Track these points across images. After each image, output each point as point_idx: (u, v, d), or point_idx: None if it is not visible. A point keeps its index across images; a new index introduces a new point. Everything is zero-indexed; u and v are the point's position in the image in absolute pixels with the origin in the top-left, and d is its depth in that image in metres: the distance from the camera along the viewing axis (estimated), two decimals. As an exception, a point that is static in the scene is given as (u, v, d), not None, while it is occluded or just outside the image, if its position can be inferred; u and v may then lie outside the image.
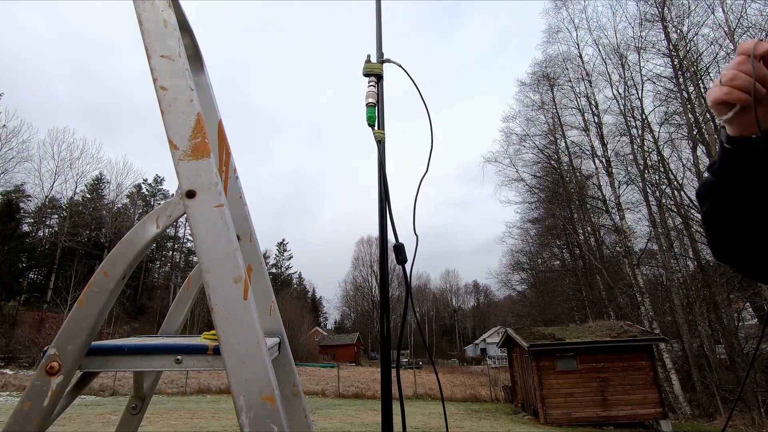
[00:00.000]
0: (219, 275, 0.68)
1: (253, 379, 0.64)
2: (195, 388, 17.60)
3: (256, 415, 0.63)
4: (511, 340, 15.89)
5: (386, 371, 0.71)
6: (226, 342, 0.66)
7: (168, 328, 1.16)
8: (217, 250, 0.68)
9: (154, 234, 0.75)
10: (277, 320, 1.09)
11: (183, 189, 0.71)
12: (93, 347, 0.74)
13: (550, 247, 30.78)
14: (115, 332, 24.30)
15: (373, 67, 0.79)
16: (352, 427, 10.03)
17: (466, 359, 49.39)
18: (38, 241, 35.58)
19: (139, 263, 0.87)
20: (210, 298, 0.67)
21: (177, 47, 0.76)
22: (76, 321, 0.70)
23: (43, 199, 36.46)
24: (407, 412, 1.76)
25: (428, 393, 19.60)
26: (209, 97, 1.11)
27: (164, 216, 0.76)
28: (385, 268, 0.89)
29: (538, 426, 12.24)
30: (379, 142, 0.77)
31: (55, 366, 0.67)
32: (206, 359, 0.76)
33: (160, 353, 0.76)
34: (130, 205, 43.48)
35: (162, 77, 0.74)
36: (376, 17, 0.80)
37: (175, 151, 0.72)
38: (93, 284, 0.71)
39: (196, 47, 1.10)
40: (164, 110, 0.73)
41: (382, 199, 0.85)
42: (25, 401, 0.66)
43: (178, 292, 1.22)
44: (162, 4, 0.77)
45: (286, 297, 46.17)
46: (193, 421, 10.26)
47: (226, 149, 1.09)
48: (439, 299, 68.09)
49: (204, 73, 1.12)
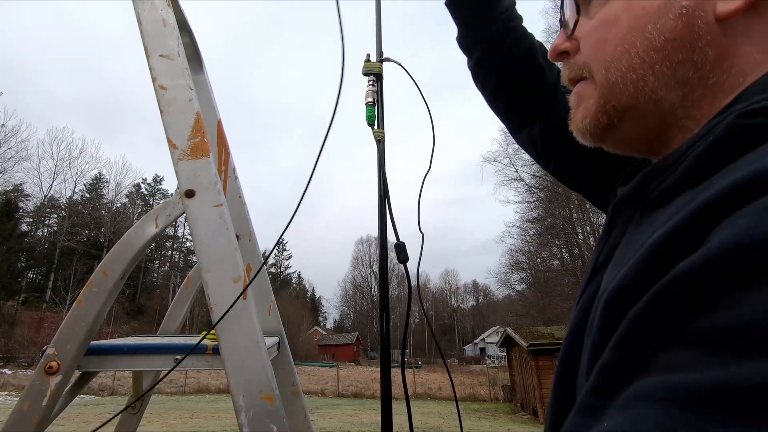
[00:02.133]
0: (218, 275, 0.68)
1: (252, 378, 0.64)
2: (194, 388, 17.60)
3: (255, 415, 0.63)
4: (510, 340, 15.91)
5: (386, 370, 0.71)
6: (226, 342, 0.66)
7: (167, 327, 1.16)
8: (216, 250, 0.68)
9: (153, 234, 0.74)
10: (277, 320, 1.09)
11: (182, 188, 0.71)
12: (92, 347, 0.73)
13: (550, 246, 30.78)
14: (114, 332, 24.28)
15: (373, 66, 0.79)
16: (351, 427, 10.04)
17: (465, 359, 49.43)
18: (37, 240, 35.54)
19: (138, 263, 0.87)
20: (209, 297, 0.67)
21: (176, 47, 0.76)
22: (75, 321, 0.69)
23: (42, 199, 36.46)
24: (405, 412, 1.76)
25: (427, 393, 19.62)
26: (208, 96, 1.11)
27: (163, 215, 0.75)
28: (385, 267, 0.89)
29: (538, 425, 12.25)
30: (378, 141, 0.77)
31: (54, 366, 0.67)
32: (205, 359, 0.76)
33: (159, 353, 0.76)
34: (129, 204, 43.44)
35: (161, 76, 0.74)
36: (376, 16, 0.80)
37: (174, 151, 0.72)
38: (92, 284, 0.71)
39: (195, 47, 1.10)
40: (163, 109, 0.73)
41: (381, 198, 0.85)
42: (24, 401, 0.66)
43: (177, 292, 1.22)
44: (161, 3, 0.77)
45: (286, 296, 46.19)
46: (192, 421, 10.26)
47: (225, 149, 1.09)
48: (439, 299, 68.13)
49: (203, 72, 1.12)
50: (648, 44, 0.37)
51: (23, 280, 33.10)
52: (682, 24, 0.35)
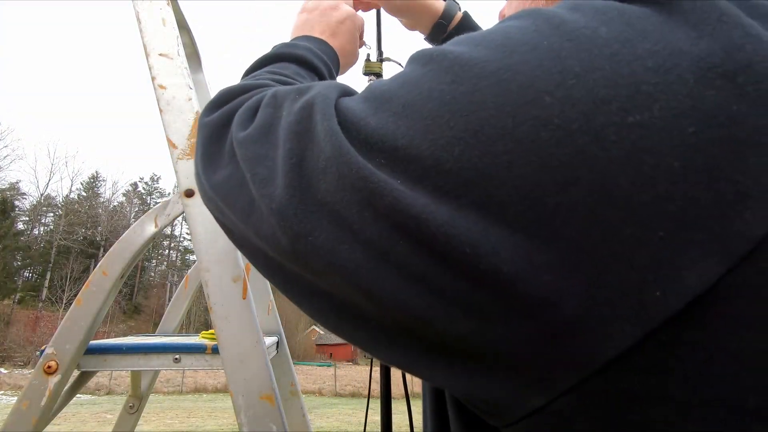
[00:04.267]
0: (218, 274, 0.67)
1: (251, 378, 0.64)
2: (191, 387, 17.56)
3: (255, 415, 0.63)
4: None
5: (386, 369, 0.71)
6: (225, 341, 0.66)
7: (166, 327, 1.16)
8: (215, 249, 0.68)
9: (152, 233, 0.74)
10: (275, 319, 1.09)
11: (182, 188, 0.71)
12: (91, 346, 0.73)
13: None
14: (111, 331, 24.21)
15: (373, 66, 0.79)
16: (349, 426, 10.04)
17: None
18: (33, 239, 35.39)
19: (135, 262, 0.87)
20: (209, 297, 0.67)
21: (175, 45, 0.75)
22: (74, 320, 0.69)
23: (39, 197, 36.28)
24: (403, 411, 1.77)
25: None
26: (208, 95, 1.11)
27: (163, 215, 0.75)
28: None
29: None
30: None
31: (53, 365, 0.67)
32: (205, 358, 0.76)
33: (158, 352, 0.76)
34: (126, 203, 43.28)
35: (160, 75, 0.74)
36: (376, 15, 0.80)
37: (173, 150, 0.72)
38: (91, 283, 0.71)
39: (194, 45, 1.09)
40: (163, 109, 0.73)
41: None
42: (23, 400, 0.66)
43: (174, 291, 1.22)
44: (161, 2, 0.77)
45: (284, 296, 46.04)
46: (189, 420, 10.24)
47: (224, 148, 1.09)
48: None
49: (202, 71, 1.12)
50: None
51: (19, 278, 32.95)
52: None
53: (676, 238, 0.17)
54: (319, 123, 0.26)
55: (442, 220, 0.20)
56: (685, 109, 0.17)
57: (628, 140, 0.17)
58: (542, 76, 0.19)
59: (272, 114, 0.30)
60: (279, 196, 0.25)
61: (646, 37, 0.19)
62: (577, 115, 0.18)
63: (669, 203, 0.17)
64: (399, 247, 0.21)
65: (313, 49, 0.51)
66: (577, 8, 0.21)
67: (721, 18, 0.18)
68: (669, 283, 0.17)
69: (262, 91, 0.36)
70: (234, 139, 0.32)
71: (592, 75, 0.19)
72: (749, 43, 0.17)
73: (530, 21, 0.22)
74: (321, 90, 0.28)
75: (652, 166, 0.17)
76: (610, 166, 0.17)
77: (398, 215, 0.21)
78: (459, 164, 0.20)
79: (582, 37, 0.20)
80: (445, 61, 0.22)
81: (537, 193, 0.18)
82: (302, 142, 0.26)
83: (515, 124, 0.19)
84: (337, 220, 0.23)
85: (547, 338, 0.19)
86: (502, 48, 0.21)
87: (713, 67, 0.17)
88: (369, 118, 0.24)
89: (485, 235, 0.19)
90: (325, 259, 0.23)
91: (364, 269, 0.22)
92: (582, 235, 0.18)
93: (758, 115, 0.17)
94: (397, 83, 0.25)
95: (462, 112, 0.20)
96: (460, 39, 0.25)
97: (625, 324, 0.18)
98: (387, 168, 0.22)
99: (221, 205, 0.32)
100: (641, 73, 0.18)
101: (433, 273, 0.20)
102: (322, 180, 0.24)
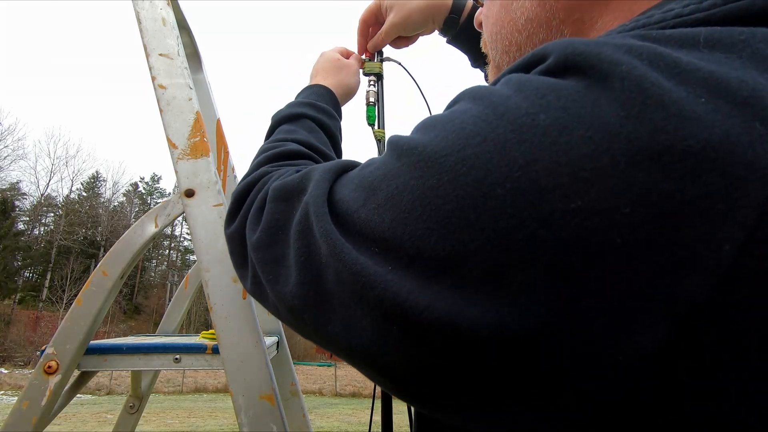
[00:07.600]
0: (218, 274, 0.67)
1: (252, 378, 0.64)
2: (192, 387, 17.56)
3: (255, 415, 0.63)
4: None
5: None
6: (225, 341, 0.66)
7: (166, 327, 1.16)
8: (216, 249, 0.68)
9: (152, 233, 0.74)
10: (276, 319, 1.09)
11: (182, 188, 0.71)
12: (91, 346, 0.73)
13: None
14: (111, 331, 24.20)
15: (373, 66, 0.79)
16: (349, 426, 10.04)
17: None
18: (34, 239, 35.41)
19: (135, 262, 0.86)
20: (209, 297, 0.67)
21: (176, 46, 0.75)
22: (75, 320, 0.69)
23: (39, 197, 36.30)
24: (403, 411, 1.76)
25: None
26: (208, 95, 1.11)
27: (163, 215, 0.75)
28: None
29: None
30: (379, 141, 0.77)
31: (53, 365, 0.67)
32: (205, 358, 0.76)
33: (158, 352, 0.76)
34: (126, 203, 43.27)
35: (160, 76, 0.74)
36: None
37: (173, 150, 0.72)
38: (91, 283, 0.71)
39: (194, 45, 1.09)
40: (163, 109, 0.73)
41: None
42: (23, 400, 0.66)
43: (174, 292, 1.22)
44: (161, 2, 0.77)
45: (283, 296, 45.97)
46: (189, 420, 10.24)
47: (224, 148, 1.09)
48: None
49: (202, 71, 1.12)
50: (513, 26, 0.38)
51: (19, 279, 32.95)
52: (537, 3, 0.35)
53: (627, 308, 0.19)
54: (314, 224, 0.30)
55: (424, 305, 0.22)
56: (620, 191, 0.19)
57: (573, 223, 0.19)
58: (493, 170, 0.21)
59: (276, 209, 0.37)
60: (292, 293, 0.31)
61: (581, 122, 0.20)
62: (525, 204, 0.20)
63: (618, 276, 0.19)
64: (393, 332, 0.24)
65: (318, 104, 0.64)
66: (521, 89, 0.23)
67: (645, 102, 0.19)
68: (626, 349, 0.19)
69: (264, 183, 0.43)
70: (248, 244, 0.39)
71: (534, 166, 0.20)
72: (670, 124, 0.19)
73: (480, 108, 0.24)
74: (314, 189, 0.32)
75: (599, 243, 0.19)
76: (560, 247, 0.19)
77: (386, 304, 0.24)
78: (435, 251, 0.22)
79: (524, 127, 0.21)
80: (413, 156, 0.25)
81: (504, 272, 0.20)
82: (305, 240, 0.31)
83: (476, 215, 0.21)
84: (345, 308, 0.27)
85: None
86: (458, 141, 0.23)
87: (641, 150, 0.19)
88: (360, 210, 0.27)
89: (463, 314, 0.21)
90: (343, 344, 0.28)
91: (374, 351, 0.25)
92: (544, 308, 0.20)
93: (683, 191, 0.18)
94: (381, 173, 0.27)
95: (432, 206, 0.23)
96: (424, 124, 0.27)
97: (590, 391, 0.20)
98: (380, 256, 0.25)
99: (259, 301, 0.41)
100: (577, 160, 0.20)
101: (426, 353, 0.23)
102: (326, 273, 0.28)
